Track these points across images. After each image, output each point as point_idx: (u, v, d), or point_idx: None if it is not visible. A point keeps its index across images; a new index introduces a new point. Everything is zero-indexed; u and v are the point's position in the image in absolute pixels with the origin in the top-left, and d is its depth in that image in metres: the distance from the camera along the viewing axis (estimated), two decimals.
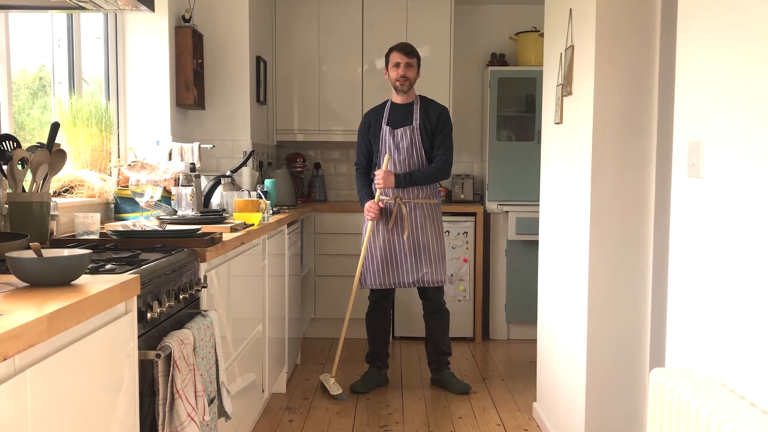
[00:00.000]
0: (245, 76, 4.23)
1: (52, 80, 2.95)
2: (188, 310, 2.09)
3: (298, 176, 5.26)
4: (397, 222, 3.79)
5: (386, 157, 3.74)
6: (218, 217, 2.84)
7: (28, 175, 2.08)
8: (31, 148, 2.13)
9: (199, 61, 3.93)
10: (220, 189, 3.36)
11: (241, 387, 2.80)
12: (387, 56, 3.84)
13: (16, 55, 2.58)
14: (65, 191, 2.73)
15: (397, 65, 3.78)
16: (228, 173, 3.49)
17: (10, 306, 1.22)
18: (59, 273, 1.42)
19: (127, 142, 3.58)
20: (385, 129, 3.81)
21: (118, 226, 2.45)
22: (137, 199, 2.48)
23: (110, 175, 3.03)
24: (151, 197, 2.47)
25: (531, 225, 4.71)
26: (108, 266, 1.68)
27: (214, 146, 3.81)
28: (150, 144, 3.53)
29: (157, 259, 1.88)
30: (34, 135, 2.84)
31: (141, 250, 2.03)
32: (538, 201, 3.53)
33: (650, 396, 1.81)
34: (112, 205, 2.93)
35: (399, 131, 3.79)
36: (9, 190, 2.02)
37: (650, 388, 1.81)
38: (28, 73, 2.86)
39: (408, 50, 3.79)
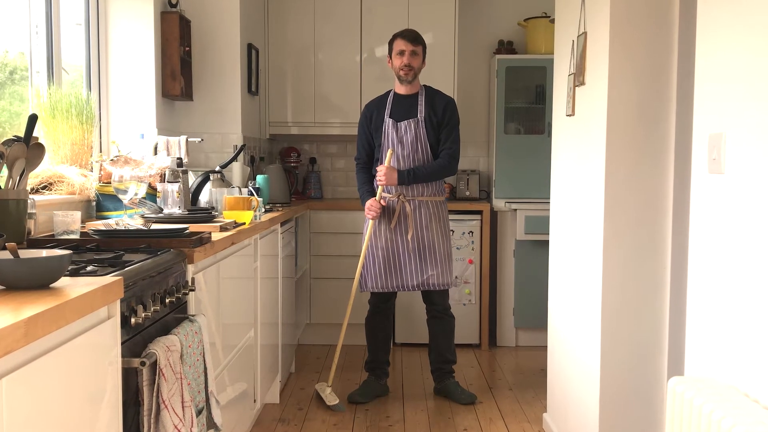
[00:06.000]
0: (236, 65, 4.23)
1: (30, 69, 2.95)
2: (175, 314, 2.10)
3: (293, 172, 5.26)
4: (401, 221, 3.79)
5: (389, 152, 3.74)
6: (207, 215, 2.84)
7: (4, 171, 2.08)
8: (7, 142, 2.12)
9: (187, 48, 3.93)
10: (208, 185, 3.36)
11: (232, 397, 2.80)
12: (390, 43, 3.84)
13: None
14: (43, 188, 2.73)
15: (402, 53, 3.77)
16: (217, 169, 3.49)
17: None
18: (37, 275, 1.42)
19: (109, 135, 3.58)
20: (388, 122, 3.81)
21: (100, 225, 2.45)
22: (120, 197, 2.48)
23: (92, 170, 3.03)
24: (136, 194, 2.47)
25: (541, 224, 4.71)
26: (89, 268, 1.68)
27: (202, 140, 3.81)
28: (134, 137, 3.53)
29: (142, 261, 1.88)
30: (9, 128, 2.84)
31: (124, 250, 2.03)
32: (549, 198, 3.54)
33: (668, 406, 1.81)
34: (94, 203, 2.93)
35: (403, 124, 3.79)
36: None
37: (668, 398, 1.82)
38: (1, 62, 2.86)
39: (413, 37, 3.79)
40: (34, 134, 2.18)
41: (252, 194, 3.36)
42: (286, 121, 5.14)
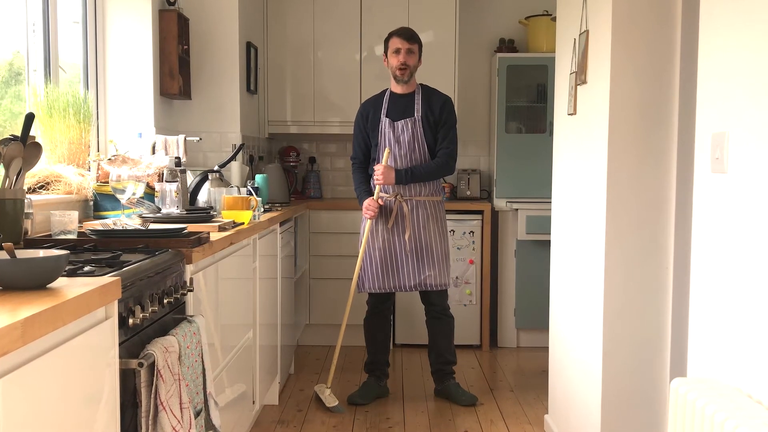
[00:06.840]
0: (234, 64, 4.23)
1: (27, 68, 2.95)
2: (173, 315, 2.09)
3: (292, 171, 5.26)
4: (398, 221, 3.79)
5: (386, 151, 3.74)
6: (205, 215, 2.84)
7: (1, 170, 2.08)
8: (4, 141, 2.12)
9: (185, 47, 3.93)
10: (207, 185, 3.36)
11: (231, 398, 2.80)
12: (386, 42, 3.84)
13: None
14: (40, 187, 2.72)
15: (397, 51, 3.77)
16: (216, 168, 3.49)
17: None
18: (34, 275, 1.42)
19: (107, 134, 3.58)
20: (385, 121, 3.81)
21: (97, 225, 2.45)
22: (118, 196, 2.48)
23: (89, 170, 3.03)
24: (133, 194, 2.46)
25: (542, 224, 4.71)
26: (87, 268, 1.68)
27: (200, 139, 3.81)
28: (132, 136, 3.53)
29: (140, 261, 1.88)
30: (6, 127, 2.84)
31: (122, 250, 2.03)
32: (550, 198, 3.53)
33: (671, 408, 1.81)
34: (91, 203, 2.93)
35: (399, 123, 3.79)
36: None
37: (671, 399, 1.81)
38: (0, 61, 2.86)
39: (409, 35, 3.79)
40: (31, 133, 2.17)
41: (251, 194, 3.36)
42: (285, 120, 5.14)
